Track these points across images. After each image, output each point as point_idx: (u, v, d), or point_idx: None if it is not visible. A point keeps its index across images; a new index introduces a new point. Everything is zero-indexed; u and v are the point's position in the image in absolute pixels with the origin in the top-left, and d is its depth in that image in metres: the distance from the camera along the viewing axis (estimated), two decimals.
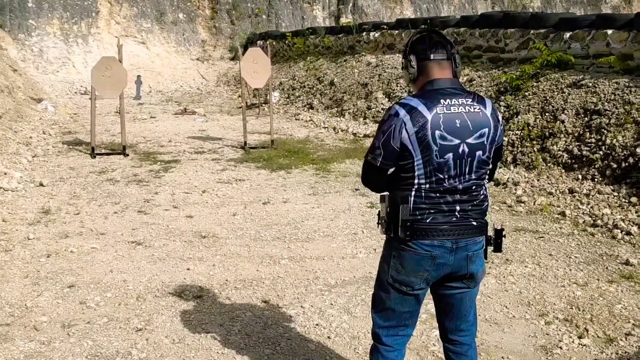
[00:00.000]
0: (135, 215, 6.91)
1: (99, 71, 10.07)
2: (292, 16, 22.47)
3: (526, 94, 9.38)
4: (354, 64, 15.29)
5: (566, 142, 8.00)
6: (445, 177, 2.66)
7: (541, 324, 4.36)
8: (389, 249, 2.83)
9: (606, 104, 7.95)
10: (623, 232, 6.07)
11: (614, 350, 4.01)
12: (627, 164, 7.03)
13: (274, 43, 19.04)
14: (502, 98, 9.77)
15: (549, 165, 7.94)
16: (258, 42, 19.62)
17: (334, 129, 12.44)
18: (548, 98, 8.91)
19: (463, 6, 25.26)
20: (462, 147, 2.66)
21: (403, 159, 2.68)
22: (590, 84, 8.57)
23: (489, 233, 2.86)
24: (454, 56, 2.78)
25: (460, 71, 2.84)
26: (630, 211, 6.43)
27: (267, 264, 5.51)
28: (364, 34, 16.01)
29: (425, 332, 4.20)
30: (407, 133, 2.62)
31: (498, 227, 2.89)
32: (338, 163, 9.56)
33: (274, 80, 16.34)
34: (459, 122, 2.65)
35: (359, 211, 7.05)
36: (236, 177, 8.67)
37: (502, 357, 3.95)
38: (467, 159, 2.67)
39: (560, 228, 6.40)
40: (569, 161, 7.74)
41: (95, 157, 9.80)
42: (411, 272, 2.75)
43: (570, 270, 5.31)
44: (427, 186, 2.67)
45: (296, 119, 13.94)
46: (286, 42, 19.09)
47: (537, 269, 5.33)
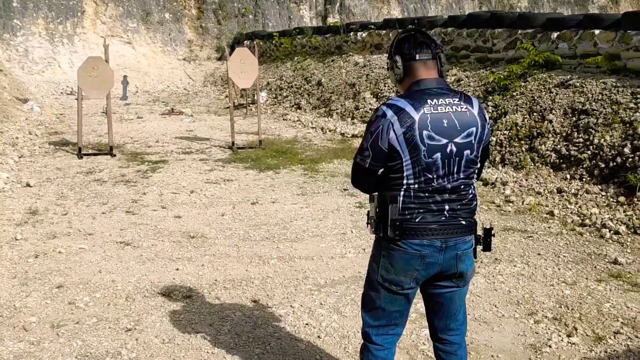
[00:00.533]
0: (123, 215, 6.88)
1: (85, 71, 10.02)
2: (279, 16, 22.44)
3: (514, 94, 9.41)
4: (342, 64, 15.29)
5: (554, 142, 8.03)
6: (434, 177, 2.67)
7: (530, 323, 4.37)
8: (379, 249, 2.84)
9: (594, 104, 7.99)
10: (611, 232, 6.10)
11: (603, 348, 4.03)
12: (615, 164, 7.07)
13: (261, 43, 19.02)
14: (490, 98, 9.81)
15: (537, 165, 7.97)
16: (245, 42, 19.58)
17: (322, 129, 12.42)
18: (536, 98, 8.95)
19: (450, 6, 25.31)
20: (450, 147, 2.66)
21: (392, 160, 2.68)
22: (577, 84, 8.61)
23: (478, 232, 2.87)
24: (439, 55, 2.79)
25: (446, 70, 2.84)
26: (618, 210, 6.47)
27: (256, 264, 5.50)
28: (352, 34, 16.01)
29: (415, 331, 4.20)
30: (395, 134, 2.63)
31: (487, 227, 2.90)
32: (326, 163, 9.55)
33: (262, 80, 16.32)
34: (447, 122, 2.65)
35: (348, 211, 7.05)
36: (224, 178, 8.64)
37: (492, 356, 3.96)
38: (455, 159, 2.68)
39: (548, 227, 6.43)
40: (557, 161, 7.78)
41: (82, 158, 9.74)
42: (401, 272, 2.75)
43: (559, 269, 5.33)
44: (416, 186, 2.68)
45: (284, 119, 13.91)
46: (273, 42, 19.05)
47: (526, 268, 5.34)
